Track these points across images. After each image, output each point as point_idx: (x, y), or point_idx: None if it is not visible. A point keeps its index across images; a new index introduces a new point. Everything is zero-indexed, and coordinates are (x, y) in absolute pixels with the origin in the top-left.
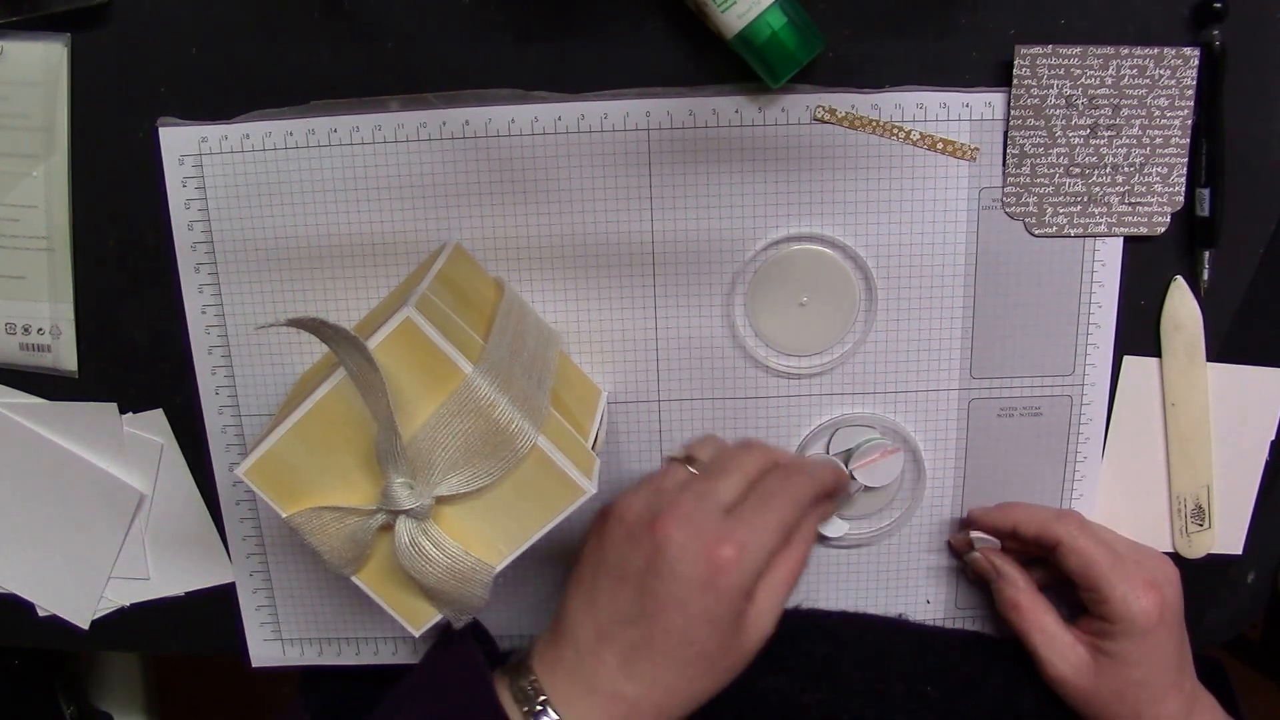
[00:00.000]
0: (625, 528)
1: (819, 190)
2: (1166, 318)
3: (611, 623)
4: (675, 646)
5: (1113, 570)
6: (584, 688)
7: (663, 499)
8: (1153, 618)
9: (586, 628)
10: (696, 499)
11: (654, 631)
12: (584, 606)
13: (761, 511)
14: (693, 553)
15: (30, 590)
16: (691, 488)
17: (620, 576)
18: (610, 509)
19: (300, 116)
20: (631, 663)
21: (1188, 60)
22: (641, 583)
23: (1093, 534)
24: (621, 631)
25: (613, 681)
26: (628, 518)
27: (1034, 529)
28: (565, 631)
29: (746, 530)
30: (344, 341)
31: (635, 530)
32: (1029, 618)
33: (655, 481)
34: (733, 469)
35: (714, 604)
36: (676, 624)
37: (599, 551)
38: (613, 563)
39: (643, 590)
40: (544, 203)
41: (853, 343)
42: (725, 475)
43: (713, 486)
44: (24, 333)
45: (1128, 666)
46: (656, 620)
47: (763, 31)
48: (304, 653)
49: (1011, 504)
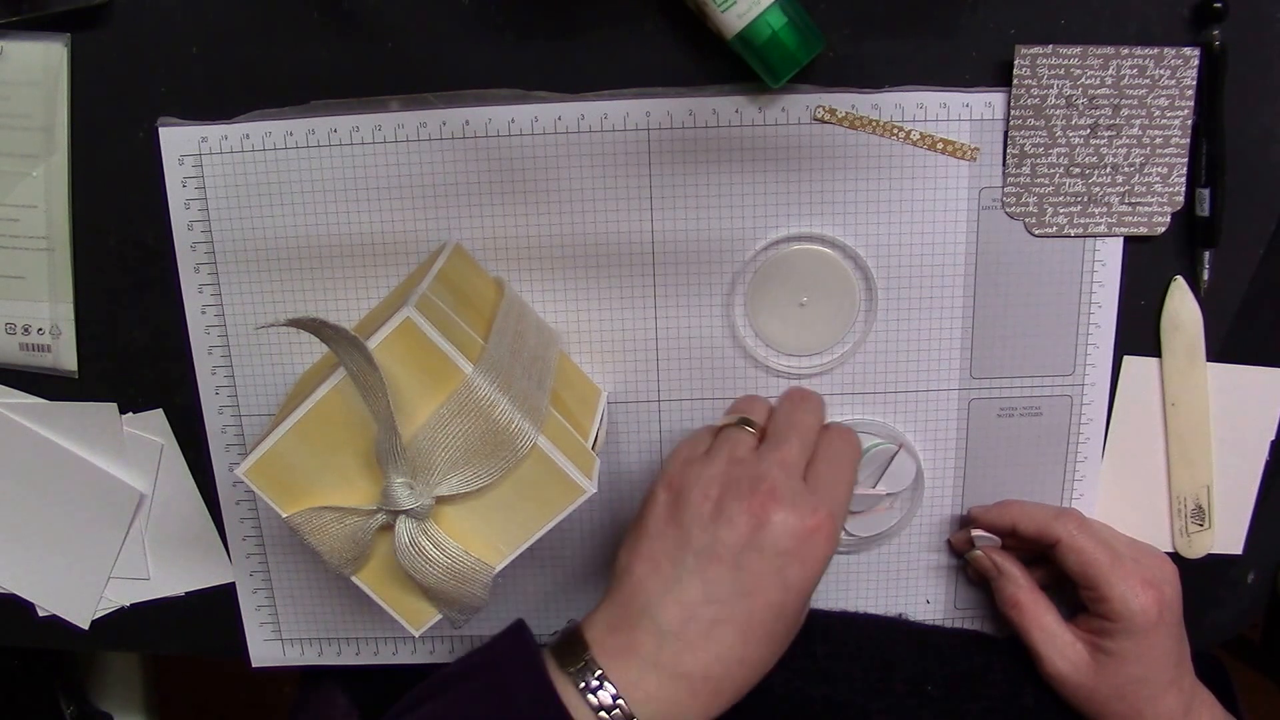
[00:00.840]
0: (714, 506)
1: (819, 190)
2: (1166, 318)
3: (701, 602)
4: (771, 620)
5: (1112, 569)
6: (666, 673)
7: (744, 470)
8: (1152, 616)
9: (669, 610)
10: (781, 470)
11: (752, 608)
12: (664, 589)
13: (835, 475)
14: (793, 527)
15: (30, 590)
16: (769, 458)
17: (713, 556)
18: (681, 484)
19: (300, 116)
20: (720, 640)
21: (1188, 60)
22: (738, 561)
23: (1092, 533)
24: (711, 610)
25: (699, 663)
26: (712, 495)
27: (1033, 528)
28: (638, 615)
29: (830, 499)
30: (344, 341)
31: (726, 509)
32: (1029, 615)
33: (725, 451)
34: (798, 432)
35: (811, 574)
36: (776, 599)
37: (679, 531)
38: (702, 543)
39: (740, 568)
40: (544, 203)
41: (853, 343)
42: (794, 438)
43: (788, 453)
44: (24, 333)
45: (1127, 664)
46: (756, 597)
47: (763, 31)
48: (304, 653)
49: (1011, 502)
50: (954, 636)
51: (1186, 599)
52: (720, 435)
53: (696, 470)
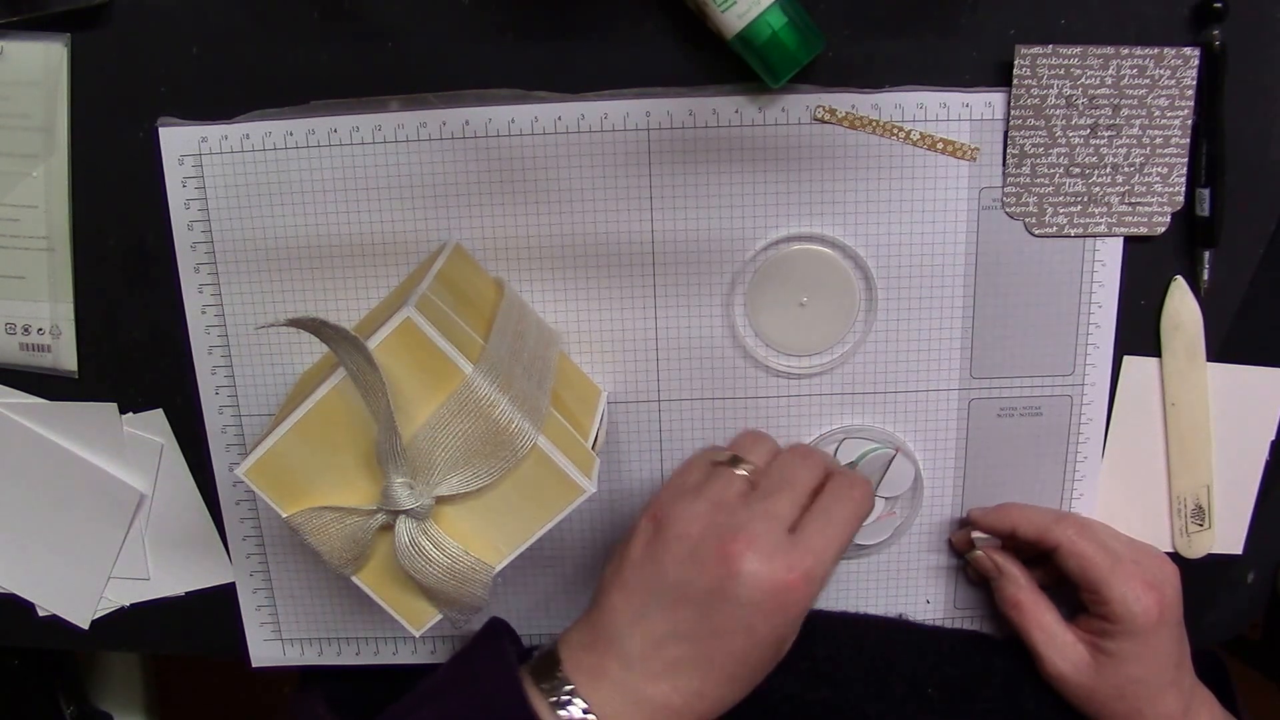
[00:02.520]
0: (687, 546)
1: (819, 190)
2: (1166, 318)
3: (666, 637)
4: (733, 665)
5: (1112, 573)
6: (628, 698)
7: (726, 516)
8: (1153, 617)
9: (635, 639)
10: (764, 521)
11: (714, 651)
12: (634, 619)
13: (825, 535)
14: (764, 580)
15: (30, 590)
16: (755, 508)
17: (682, 596)
18: (664, 518)
19: (300, 116)
20: (680, 674)
21: (1188, 60)
22: (706, 605)
23: (1091, 536)
24: (676, 646)
25: (660, 693)
26: (691, 534)
27: (1033, 532)
28: (609, 639)
29: (813, 556)
30: (344, 341)
31: (701, 552)
32: (1029, 615)
33: (713, 491)
34: (792, 486)
35: (780, 627)
36: (739, 646)
37: (654, 565)
38: (674, 581)
39: (707, 612)
40: (544, 203)
41: (853, 343)
42: (785, 491)
43: (776, 506)
44: (24, 333)
45: (1127, 664)
46: (719, 642)
47: (763, 31)
48: (304, 653)
49: (1010, 505)
50: (954, 637)
51: (1186, 599)
52: (713, 472)
53: (682, 506)
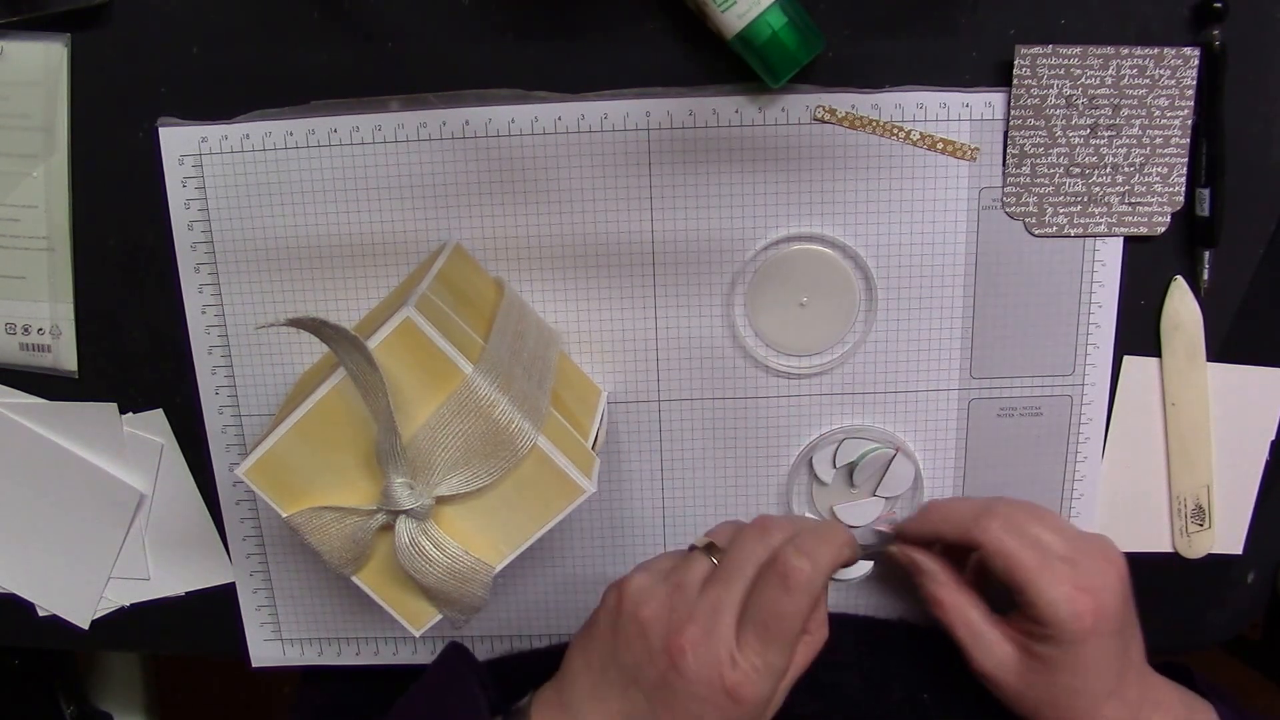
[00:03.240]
0: (639, 628)
1: (819, 190)
2: (1166, 318)
3: (617, 715)
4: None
5: (1040, 574)
6: None
7: (680, 603)
8: (1085, 624)
9: (592, 711)
10: (711, 614)
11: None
12: (592, 692)
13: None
14: (705, 678)
15: (30, 590)
16: (706, 598)
17: (633, 679)
18: (625, 595)
19: (300, 116)
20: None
21: (1188, 60)
22: (655, 694)
23: (1019, 532)
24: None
25: None
26: (642, 616)
27: (955, 534)
28: (571, 705)
29: (758, 660)
30: (344, 341)
31: (650, 639)
32: (952, 613)
33: (676, 574)
34: (742, 571)
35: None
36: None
37: (612, 641)
38: (626, 663)
39: (656, 702)
40: (544, 203)
41: (853, 343)
42: (735, 581)
43: (719, 599)
44: (24, 333)
45: (1059, 672)
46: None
47: (763, 31)
48: (304, 653)
49: (931, 506)
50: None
51: (1187, 599)
52: (685, 557)
53: (645, 587)
